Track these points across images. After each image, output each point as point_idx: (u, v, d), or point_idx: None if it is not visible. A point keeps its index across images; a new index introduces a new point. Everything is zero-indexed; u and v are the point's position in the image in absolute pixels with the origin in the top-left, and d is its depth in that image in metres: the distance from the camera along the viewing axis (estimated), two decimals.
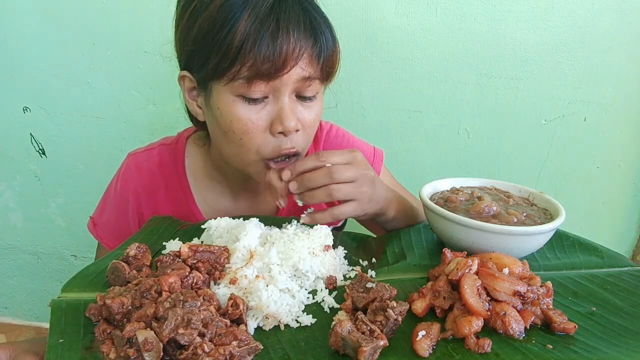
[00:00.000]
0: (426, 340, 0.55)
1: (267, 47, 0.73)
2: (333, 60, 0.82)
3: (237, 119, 0.79)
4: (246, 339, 0.54)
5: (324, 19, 0.81)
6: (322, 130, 1.07)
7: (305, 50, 0.77)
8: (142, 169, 1.03)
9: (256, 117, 0.79)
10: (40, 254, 1.88)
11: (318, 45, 0.78)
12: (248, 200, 1.05)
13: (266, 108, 0.80)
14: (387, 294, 0.61)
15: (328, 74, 0.83)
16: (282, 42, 0.74)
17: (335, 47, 0.82)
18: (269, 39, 0.73)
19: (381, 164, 1.10)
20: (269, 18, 0.74)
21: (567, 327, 0.58)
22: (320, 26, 0.79)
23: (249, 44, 0.73)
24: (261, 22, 0.73)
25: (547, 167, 1.55)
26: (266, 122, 0.80)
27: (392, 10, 1.39)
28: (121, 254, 0.71)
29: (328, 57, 0.80)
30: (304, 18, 0.77)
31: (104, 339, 0.55)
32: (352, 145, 1.09)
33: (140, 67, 1.51)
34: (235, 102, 0.78)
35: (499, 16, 1.38)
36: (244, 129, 0.79)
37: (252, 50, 0.73)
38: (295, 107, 0.81)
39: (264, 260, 0.68)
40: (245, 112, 0.78)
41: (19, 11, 1.48)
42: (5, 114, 1.62)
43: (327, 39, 0.79)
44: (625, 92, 1.45)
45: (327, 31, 0.80)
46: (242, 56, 0.74)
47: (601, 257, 0.80)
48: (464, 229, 0.72)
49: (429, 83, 1.46)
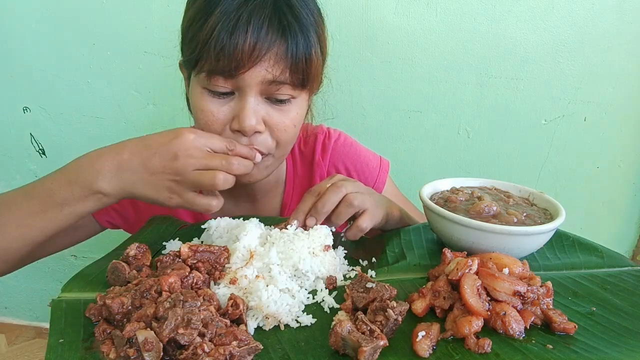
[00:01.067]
0: (426, 341, 0.55)
1: (223, 42, 0.73)
2: (308, 66, 0.78)
3: (201, 110, 0.80)
4: (246, 339, 0.54)
5: (299, 21, 0.77)
6: (331, 139, 1.07)
7: (268, 51, 0.75)
8: None
9: (217, 111, 0.80)
10: None
11: (285, 47, 0.75)
12: (248, 205, 1.04)
13: (230, 104, 0.80)
14: (387, 294, 0.61)
15: (303, 80, 0.79)
16: (238, 39, 0.73)
17: (311, 52, 0.78)
18: (226, 36, 0.73)
19: (387, 174, 1.10)
20: (232, 15, 0.74)
21: (567, 327, 0.58)
22: (292, 27, 0.76)
23: (212, 38, 0.74)
24: (225, 20, 0.74)
25: (547, 167, 1.55)
26: (227, 117, 0.80)
27: (392, 10, 1.39)
28: (121, 254, 0.71)
29: (299, 62, 0.77)
30: (271, 17, 0.74)
31: (104, 339, 0.55)
32: (357, 157, 1.09)
33: (140, 67, 1.51)
34: (202, 94, 0.80)
35: (499, 16, 1.38)
36: (205, 120, 0.81)
37: (211, 46, 0.74)
38: (260, 108, 0.79)
39: (264, 260, 0.68)
40: (208, 105, 0.80)
41: (19, 11, 1.48)
42: (5, 114, 1.62)
43: (297, 42, 0.76)
44: (625, 92, 1.45)
45: (301, 34, 0.76)
46: (205, 50, 0.75)
47: (601, 257, 0.80)
48: (464, 229, 0.72)
49: (429, 83, 1.46)
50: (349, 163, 1.07)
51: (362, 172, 1.07)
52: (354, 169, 1.07)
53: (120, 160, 0.72)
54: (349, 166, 1.07)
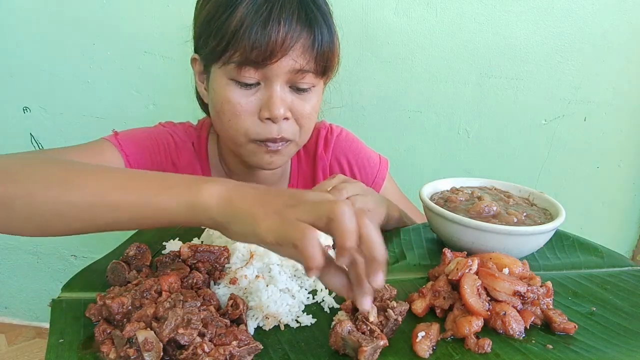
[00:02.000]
0: (426, 341, 0.55)
1: (257, 34, 0.75)
2: (329, 55, 0.83)
3: (228, 101, 0.82)
4: (246, 339, 0.54)
5: (322, 13, 0.81)
6: (333, 133, 1.08)
7: (297, 41, 0.78)
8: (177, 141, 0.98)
9: (246, 102, 0.81)
10: (40, 254, 1.87)
11: (312, 38, 0.79)
12: None
13: (257, 94, 0.82)
14: (387, 294, 0.61)
15: (324, 69, 0.84)
16: (271, 31, 0.76)
17: (333, 42, 0.83)
18: (259, 27, 0.75)
19: (386, 172, 1.11)
20: (263, 6, 0.76)
21: (567, 327, 0.58)
22: (317, 19, 0.80)
23: (242, 29, 0.76)
24: (256, 10, 0.76)
25: (547, 167, 1.55)
26: (255, 107, 0.82)
27: (392, 11, 1.39)
28: (121, 254, 0.71)
29: (323, 51, 0.81)
30: (299, 9, 0.78)
31: (104, 339, 0.55)
32: (359, 152, 1.10)
33: (140, 67, 1.51)
34: (228, 85, 0.81)
35: (499, 16, 1.38)
36: (232, 111, 0.82)
37: (243, 37, 0.76)
38: (286, 96, 0.83)
39: (264, 260, 0.68)
40: (236, 96, 0.81)
41: (19, 11, 1.48)
42: (5, 114, 1.62)
43: (322, 33, 0.80)
44: (625, 92, 1.45)
45: (325, 25, 0.81)
46: (235, 41, 0.77)
47: (601, 257, 0.80)
48: (464, 229, 0.72)
49: (429, 83, 1.46)
50: (350, 157, 1.08)
51: (364, 167, 1.09)
52: (356, 163, 1.09)
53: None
54: (350, 160, 1.08)
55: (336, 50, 0.85)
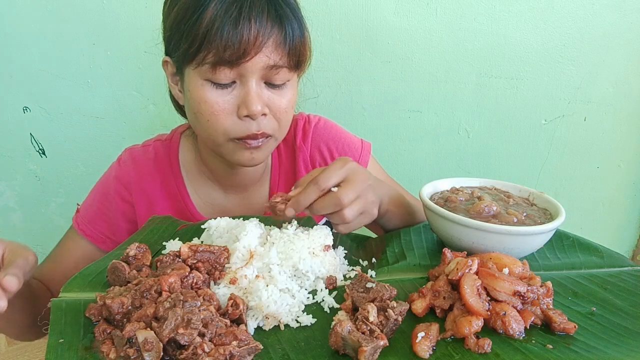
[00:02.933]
0: (426, 342, 0.55)
1: (229, 33, 0.76)
2: (301, 49, 0.84)
3: (205, 102, 0.82)
4: (246, 339, 0.54)
5: (291, 7, 0.82)
6: (311, 123, 1.08)
7: (269, 38, 0.79)
8: (138, 163, 1.04)
9: (223, 101, 0.82)
10: (40, 254, 1.87)
11: (283, 34, 0.80)
12: (238, 194, 1.06)
13: (233, 92, 0.82)
14: (387, 294, 0.61)
15: (297, 63, 0.85)
16: (243, 29, 0.76)
17: (304, 35, 0.84)
18: (230, 26, 0.76)
19: (369, 155, 1.10)
20: (232, 5, 0.76)
21: (567, 327, 0.58)
22: (287, 14, 0.80)
23: (213, 30, 0.76)
24: (226, 9, 0.76)
25: (547, 167, 1.55)
26: (233, 105, 0.83)
27: (392, 11, 1.39)
28: (121, 254, 0.71)
29: (295, 46, 0.82)
30: (268, 6, 0.79)
31: (104, 339, 0.55)
32: (339, 138, 1.09)
33: (140, 67, 1.51)
34: (203, 86, 0.81)
35: (499, 16, 1.38)
36: (210, 111, 0.82)
37: (215, 37, 0.76)
38: (263, 93, 0.83)
39: (264, 260, 0.68)
40: (213, 96, 0.82)
41: (19, 11, 1.48)
42: (5, 114, 1.62)
43: (293, 27, 0.81)
44: (625, 92, 1.45)
45: (294, 20, 0.81)
46: (207, 42, 0.77)
47: (601, 257, 0.80)
48: (464, 229, 0.72)
49: (429, 83, 1.46)
50: (331, 144, 1.08)
51: (345, 153, 1.08)
52: (337, 149, 1.08)
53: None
54: (331, 147, 1.08)
55: (307, 43, 0.86)
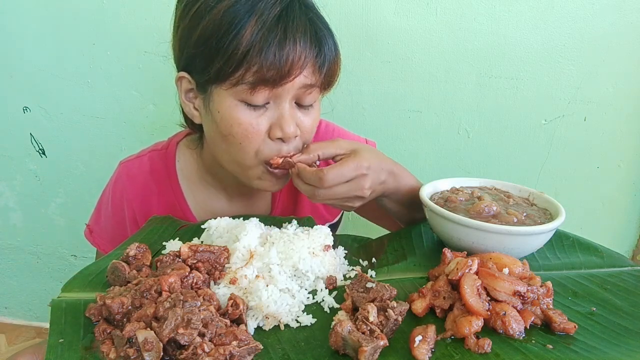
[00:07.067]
0: (424, 345, 0.55)
1: (274, 55, 0.74)
2: (334, 69, 0.84)
3: (238, 124, 0.79)
4: (246, 339, 0.54)
5: (327, 29, 0.82)
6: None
7: (309, 59, 0.78)
8: (133, 177, 1.03)
9: (257, 122, 0.80)
10: (40, 254, 1.87)
11: (322, 55, 0.80)
12: (242, 202, 1.05)
13: (266, 114, 0.80)
14: (387, 294, 0.61)
15: (329, 83, 0.85)
16: (289, 51, 0.75)
17: (337, 56, 0.84)
18: (276, 47, 0.74)
19: None
20: (276, 27, 0.75)
21: (567, 327, 0.58)
22: (325, 36, 0.80)
23: (256, 50, 0.74)
24: (269, 30, 0.74)
25: (547, 167, 1.55)
26: (266, 127, 0.81)
27: (392, 11, 1.39)
28: (121, 254, 0.71)
29: (330, 66, 0.82)
30: (309, 28, 0.78)
31: (104, 339, 0.55)
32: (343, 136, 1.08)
33: (140, 67, 1.51)
34: (237, 107, 0.79)
35: (499, 16, 1.38)
36: (244, 134, 0.80)
37: (258, 57, 0.74)
38: (294, 113, 0.82)
39: (264, 260, 0.68)
40: (247, 117, 0.79)
41: (19, 11, 1.48)
42: (5, 114, 1.62)
43: (330, 49, 0.81)
44: (625, 92, 1.45)
45: (331, 41, 0.82)
46: (247, 62, 0.74)
47: (601, 257, 0.80)
48: (464, 229, 0.72)
49: (429, 83, 1.46)
50: None
51: None
52: None
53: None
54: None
55: (339, 63, 0.85)
